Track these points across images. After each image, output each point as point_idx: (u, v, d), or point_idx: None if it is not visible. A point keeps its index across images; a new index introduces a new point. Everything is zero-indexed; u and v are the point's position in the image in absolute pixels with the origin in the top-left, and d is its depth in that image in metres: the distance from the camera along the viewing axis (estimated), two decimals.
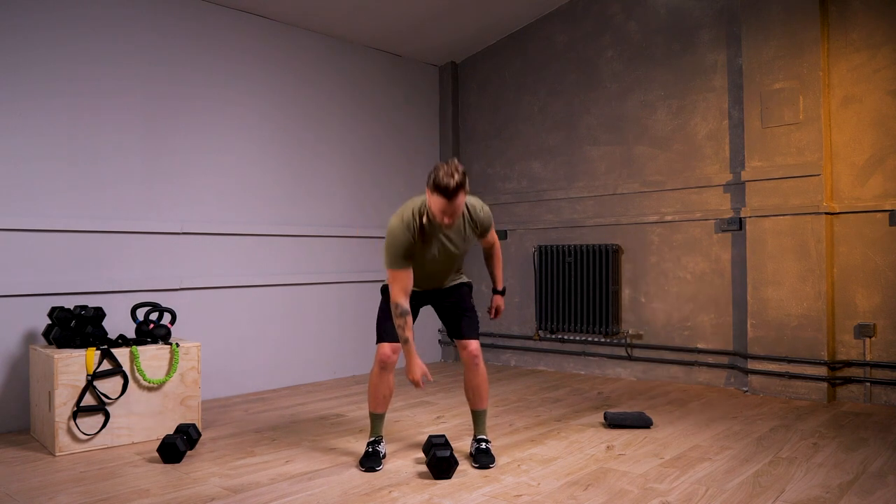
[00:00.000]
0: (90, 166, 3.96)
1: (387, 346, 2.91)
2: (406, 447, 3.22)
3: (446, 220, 2.62)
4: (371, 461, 2.88)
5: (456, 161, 2.60)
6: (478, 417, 3.02)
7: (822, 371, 4.11)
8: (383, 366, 2.91)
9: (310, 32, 5.14)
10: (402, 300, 2.74)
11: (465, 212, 2.84)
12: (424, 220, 2.72)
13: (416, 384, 2.75)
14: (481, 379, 2.97)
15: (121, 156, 4.09)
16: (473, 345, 2.95)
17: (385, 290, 2.97)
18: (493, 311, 3.22)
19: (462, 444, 3.20)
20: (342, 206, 5.32)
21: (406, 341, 2.76)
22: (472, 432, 3.09)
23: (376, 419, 2.99)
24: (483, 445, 2.97)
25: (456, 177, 2.53)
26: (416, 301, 2.98)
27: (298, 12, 4.87)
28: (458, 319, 2.99)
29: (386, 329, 2.91)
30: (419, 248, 2.77)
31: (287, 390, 4.72)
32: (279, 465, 2.96)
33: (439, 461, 2.74)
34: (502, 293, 3.23)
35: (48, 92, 3.81)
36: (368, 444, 2.97)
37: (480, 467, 2.88)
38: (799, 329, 4.20)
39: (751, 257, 4.39)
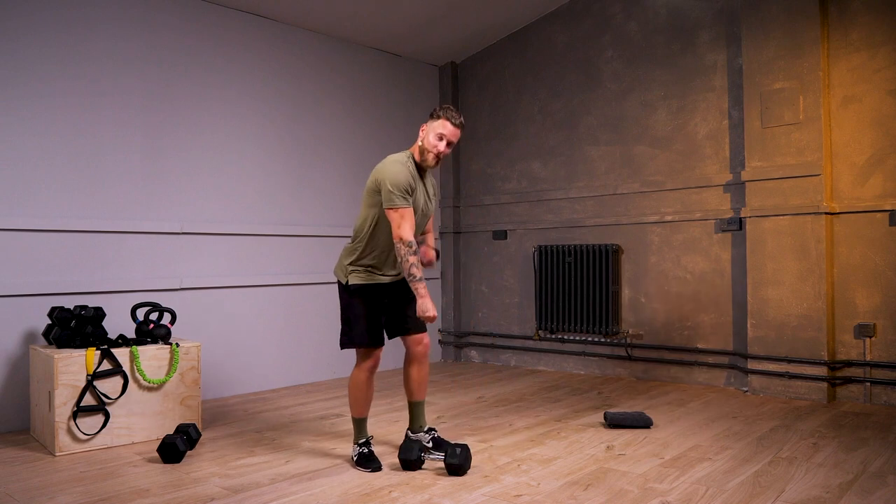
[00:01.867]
0: (90, 166, 3.96)
1: (379, 351, 2.92)
2: None
3: (440, 148, 2.81)
4: (372, 462, 2.88)
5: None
6: (419, 408, 3.09)
7: (822, 371, 4.11)
8: (374, 371, 2.95)
9: (310, 32, 5.14)
10: (413, 237, 2.79)
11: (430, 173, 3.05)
12: (418, 159, 2.91)
13: (433, 319, 2.78)
14: (426, 371, 3.07)
15: (121, 155, 4.09)
16: (427, 339, 3.03)
17: (348, 288, 2.92)
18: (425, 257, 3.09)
19: None
20: (342, 206, 5.32)
21: (421, 280, 2.75)
22: (410, 425, 3.12)
23: (362, 423, 2.99)
24: (436, 434, 3.07)
25: (461, 115, 2.88)
26: (379, 310, 2.94)
27: (298, 12, 4.87)
28: (410, 312, 2.94)
29: (371, 331, 2.90)
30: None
31: (287, 390, 4.72)
32: (279, 465, 2.96)
33: (458, 457, 2.77)
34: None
35: (48, 92, 3.80)
36: (360, 445, 2.95)
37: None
38: (799, 329, 4.20)
39: (751, 257, 4.39)
